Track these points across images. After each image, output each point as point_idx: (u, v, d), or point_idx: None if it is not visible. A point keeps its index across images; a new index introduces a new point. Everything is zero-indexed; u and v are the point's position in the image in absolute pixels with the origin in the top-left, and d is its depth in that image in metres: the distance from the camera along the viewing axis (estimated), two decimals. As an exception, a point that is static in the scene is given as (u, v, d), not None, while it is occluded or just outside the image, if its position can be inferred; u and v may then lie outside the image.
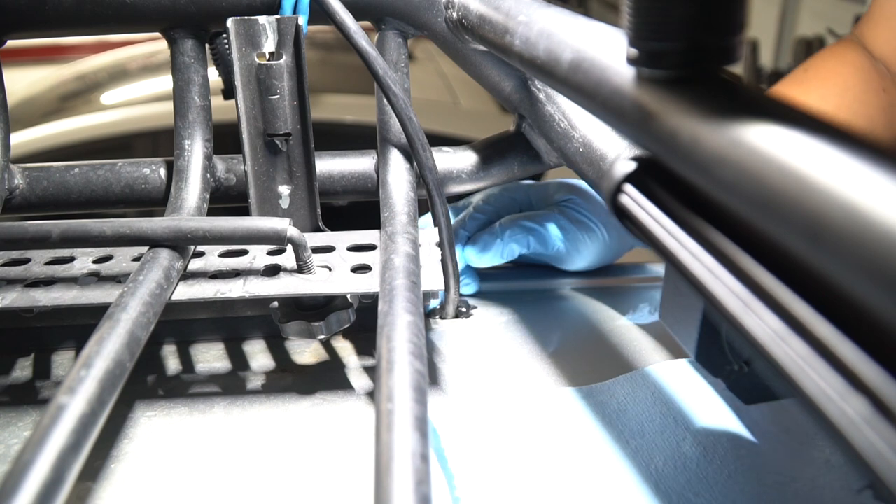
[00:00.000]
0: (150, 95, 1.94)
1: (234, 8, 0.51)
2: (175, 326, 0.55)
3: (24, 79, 2.37)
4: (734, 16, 0.24)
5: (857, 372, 0.19)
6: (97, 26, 0.52)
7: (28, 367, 0.53)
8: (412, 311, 0.37)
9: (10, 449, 0.44)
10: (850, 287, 0.18)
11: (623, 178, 0.31)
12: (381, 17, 0.53)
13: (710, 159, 0.23)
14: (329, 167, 0.56)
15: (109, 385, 0.32)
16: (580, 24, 0.35)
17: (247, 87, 0.49)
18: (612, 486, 0.40)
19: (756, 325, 0.23)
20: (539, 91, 0.53)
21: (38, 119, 1.85)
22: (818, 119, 0.21)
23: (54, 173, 0.55)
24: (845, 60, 0.75)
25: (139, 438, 0.45)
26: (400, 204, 0.51)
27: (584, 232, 0.59)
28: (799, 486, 0.40)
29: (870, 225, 0.17)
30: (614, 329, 0.57)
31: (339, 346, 0.55)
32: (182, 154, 0.53)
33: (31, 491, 0.26)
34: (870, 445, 0.18)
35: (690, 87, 0.25)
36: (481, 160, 0.58)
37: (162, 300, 0.40)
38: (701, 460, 0.42)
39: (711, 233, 0.26)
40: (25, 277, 0.45)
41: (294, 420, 0.46)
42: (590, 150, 0.44)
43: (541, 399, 0.48)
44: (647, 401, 0.47)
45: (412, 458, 0.27)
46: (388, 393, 0.30)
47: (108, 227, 0.43)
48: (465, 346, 0.55)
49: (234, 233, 0.43)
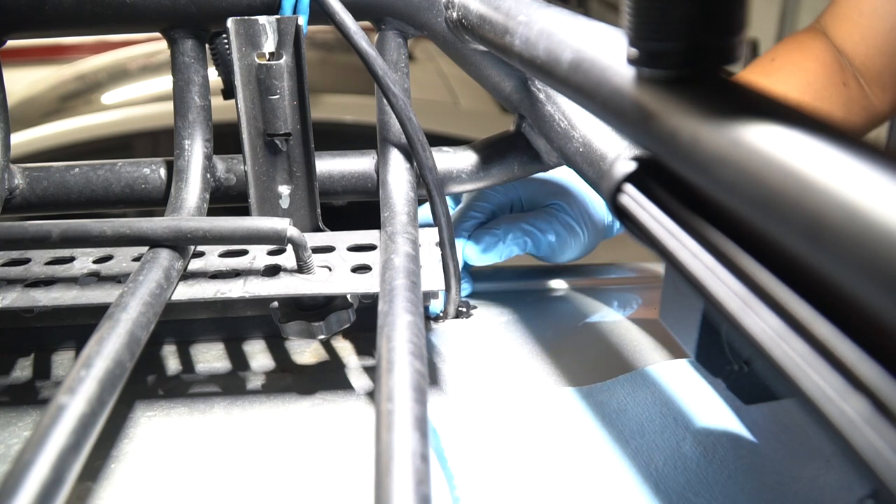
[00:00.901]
0: (150, 95, 1.94)
1: (234, 8, 0.51)
2: (175, 326, 0.55)
3: (24, 79, 2.38)
4: (734, 16, 0.24)
5: (857, 372, 0.19)
6: (97, 26, 0.52)
7: (28, 367, 0.53)
8: (412, 311, 0.37)
9: (10, 449, 0.44)
10: (850, 287, 0.18)
11: (623, 178, 0.31)
12: (381, 17, 0.53)
13: (710, 159, 0.23)
14: (329, 167, 0.56)
15: (109, 385, 0.32)
16: (580, 24, 0.35)
17: (247, 87, 0.49)
18: (612, 486, 0.40)
19: (756, 325, 0.23)
20: (539, 91, 0.53)
21: (38, 119, 1.85)
22: (818, 119, 0.21)
23: (54, 173, 0.55)
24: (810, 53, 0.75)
25: (139, 438, 0.45)
26: (400, 204, 0.51)
27: (571, 235, 0.63)
28: (799, 486, 0.40)
29: (870, 225, 0.17)
30: (614, 329, 0.57)
31: (339, 346, 0.55)
32: (182, 154, 0.53)
33: (31, 491, 0.26)
34: (870, 445, 0.18)
35: (690, 87, 0.25)
36: (481, 160, 0.58)
37: (162, 300, 0.40)
38: (701, 460, 0.42)
39: (711, 233, 0.26)
40: (25, 277, 0.45)
41: (294, 420, 0.46)
42: (590, 150, 0.44)
43: (541, 399, 0.48)
44: (647, 401, 0.47)
45: (412, 458, 0.27)
46: (388, 393, 0.30)
47: (108, 227, 0.43)
48: (465, 346, 0.55)
49: (234, 233, 0.43)
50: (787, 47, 0.79)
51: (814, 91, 0.74)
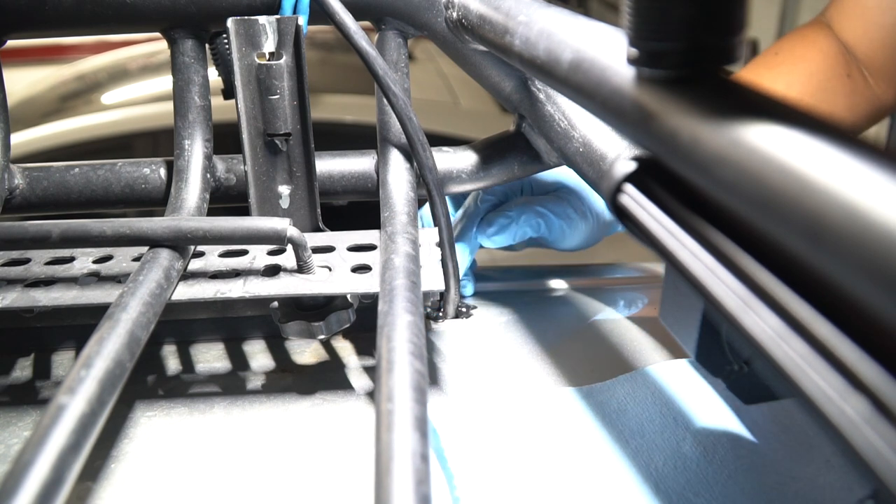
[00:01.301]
0: (150, 95, 1.94)
1: (234, 8, 0.51)
2: (175, 326, 0.55)
3: (24, 79, 2.38)
4: (734, 16, 0.24)
5: (857, 372, 0.19)
6: (97, 26, 0.52)
7: (28, 367, 0.53)
8: (412, 311, 0.37)
9: (10, 449, 0.44)
10: (850, 287, 0.18)
11: (623, 178, 0.31)
12: (381, 17, 0.53)
13: (710, 159, 0.23)
14: (329, 167, 0.56)
15: (109, 385, 0.32)
16: (580, 24, 0.35)
17: (247, 87, 0.49)
18: (612, 487, 0.40)
19: (756, 325, 0.23)
20: (539, 91, 0.53)
21: (38, 119, 1.85)
22: (818, 119, 0.21)
23: (54, 173, 0.55)
24: (813, 45, 0.76)
25: (139, 438, 0.45)
26: (400, 204, 0.51)
27: (582, 219, 0.63)
28: (799, 486, 0.40)
29: (870, 225, 0.17)
30: (614, 329, 0.57)
31: (339, 346, 0.55)
32: (182, 154, 0.53)
33: (31, 491, 0.26)
34: (870, 445, 0.18)
35: (690, 87, 0.25)
36: (481, 160, 0.58)
37: (162, 300, 0.40)
38: (701, 460, 0.42)
39: (711, 233, 0.26)
40: (25, 277, 0.45)
41: (294, 420, 0.46)
42: (590, 150, 0.44)
43: (541, 399, 0.48)
44: (647, 401, 0.47)
45: (412, 458, 0.27)
46: (388, 393, 0.30)
47: (108, 227, 0.43)
48: (465, 346, 0.55)
49: (234, 233, 0.43)
50: (790, 41, 0.79)
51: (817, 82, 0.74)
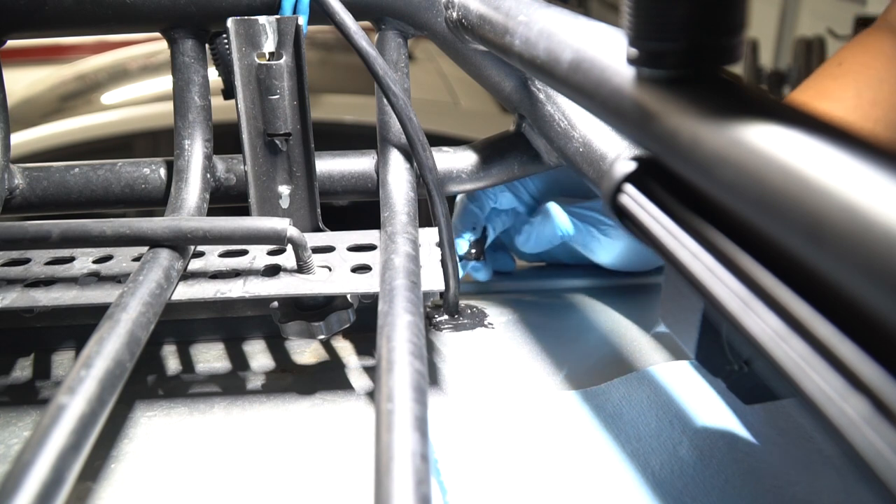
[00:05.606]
0: (150, 95, 1.94)
1: (234, 8, 0.51)
2: (175, 326, 0.55)
3: (24, 79, 2.38)
4: (734, 16, 0.24)
5: (857, 372, 0.19)
6: (97, 26, 0.52)
7: (28, 367, 0.53)
8: (412, 311, 0.37)
9: (10, 449, 0.44)
10: (850, 287, 0.18)
11: (623, 178, 0.31)
12: (381, 17, 0.53)
13: (710, 159, 0.23)
14: (329, 167, 0.56)
15: (109, 385, 0.32)
16: (580, 24, 0.35)
17: (247, 87, 0.49)
18: (609, 491, 0.40)
19: (756, 325, 0.23)
20: (539, 91, 0.53)
21: (38, 119, 1.85)
22: (818, 119, 0.21)
23: (54, 173, 0.55)
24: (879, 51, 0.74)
25: (139, 438, 0.45)
26: (400, 204, 0.51)
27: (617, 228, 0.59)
28: (797, 490, 0.40)
29: (870, 225, 0.17)
30: (615, 330, 0.57)
31: (339, 346, 0.55)
32: (182, 154, 0.53)
33: (31, 491, 0.26)
34: (870, 445, 0.18)
35: (690, 87, 0.25)
36: (481, 160, 0.58)
37: (162, 300, 0.40)
38: (698, 464, 0.42)
39: (711, 233, 0.26)
40: (25, 277, 0.45)
41: (294, 420, 0.46)
42: (590, 150, 0.44)
43: (540, 401, 0.48)
44: (644, 404, 0.47)
45: (412, 458, 0.27)
46: (388, 393, 0.30)
47: (108, 227, 0.43)
48: (465, 347, 0.55)
49: (234, 233, 0.43)
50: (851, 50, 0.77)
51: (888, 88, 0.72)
